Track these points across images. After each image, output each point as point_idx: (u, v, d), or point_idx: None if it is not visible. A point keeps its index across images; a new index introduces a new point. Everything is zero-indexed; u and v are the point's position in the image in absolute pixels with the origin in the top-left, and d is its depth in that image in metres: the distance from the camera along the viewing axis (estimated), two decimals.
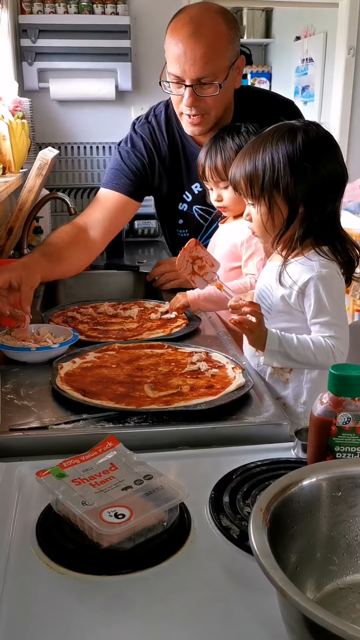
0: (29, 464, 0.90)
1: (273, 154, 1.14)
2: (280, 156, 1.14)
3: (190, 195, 1.77)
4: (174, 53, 1.47)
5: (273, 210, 1.17)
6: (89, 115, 2.90)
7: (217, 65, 1.47)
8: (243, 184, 1.19)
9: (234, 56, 1.52)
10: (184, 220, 1.82)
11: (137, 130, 1.72)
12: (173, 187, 1.76)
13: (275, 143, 1.15)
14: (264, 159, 1.15)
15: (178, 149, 1.72)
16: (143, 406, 1.05)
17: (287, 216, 1.16)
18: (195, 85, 1.48)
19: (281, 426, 1.02)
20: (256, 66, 5.68)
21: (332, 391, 0.79)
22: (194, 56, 1.45)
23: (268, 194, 1.16)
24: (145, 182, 1.73)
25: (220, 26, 1.47)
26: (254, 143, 1.20)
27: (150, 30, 2.79)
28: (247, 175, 1.17)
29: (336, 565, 0.66)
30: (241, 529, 0.77)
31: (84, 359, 1.25)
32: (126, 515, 0.71)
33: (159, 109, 1.73)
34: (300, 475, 0.67)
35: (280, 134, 1.16)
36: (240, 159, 1.20)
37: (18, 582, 0.69)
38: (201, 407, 1.04)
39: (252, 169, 1.17)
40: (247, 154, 1.19)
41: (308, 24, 4.67)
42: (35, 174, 1.90)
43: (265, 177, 1.15)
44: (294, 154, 1.13)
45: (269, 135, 1.17)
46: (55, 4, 2.72)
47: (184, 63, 1.46)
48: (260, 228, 1.21)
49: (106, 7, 2.74)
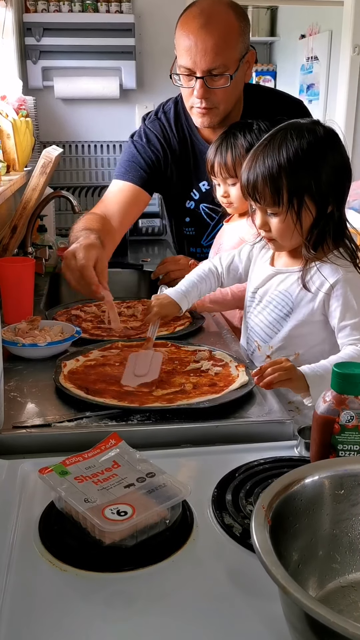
0: (32, 462, 0.91)
1: (298, 152, 1.08)
2: (308, 153, 1.08)
3: (198, 193, 1.77)
4: (184, 45, 1.48)
5: (302, 213, 1.11)
6: (93, 114, 2.90)
7: (228, 57, 1.48)
8: (268, 192, 1.11)
9: (244, 49, 1.53)
10: (190, 218, 1.82)
11: (148, 126, 1.73)
12: (181, 184, 1.76)
13: (298, 140, 1.09)
14: (289, 159, 1.08)
15: (187, 145, 1.72)
16: (146, 404, 1.05)
17: (315, 216, 1.12)
18: (206, 76, 1.49)
19: (284, 424, 1.02)
20: (261, 64, 5.67)
21: (335, 389, 0.79)
22: (205, 47, 1.45)
23: (298, 197, 1.09)
24: (158, 176, 1.73)
25: (231, 18, 1.48)
26: (270, 143, 1.12)
27: (155, 29, 2.78)
28: (273, 180, 1.09)
29: (338, 563, 0.66)
30: (243, 527, 0.77)
31: (88, 357, 1.26)
32: (128, 513, 0.71)
33: (168, 106, 1.74)
34: (303, 473, 0.67)
35: (299, 132, 1.10)
36: (257, 161, 1.12)
37: (21, 578, 0.69)
38: (204, 405, 1.04)
39: (277, 171, 1.09)
40: (266, 156, 1.11)
41: (313, 22, 4.66)
42: (39, 173, 1.90)
43: (295, 179, 1.08)
44: (319, 147, 1.09)
45: (287, 134, 1.11)
46: (60, 2, 2.72)
47: (195, 54, 1.46)
48: (285, 235, 1.14)
49: (110, 6, 2.74)
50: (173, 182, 1.75)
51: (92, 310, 1.62)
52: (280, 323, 1.23)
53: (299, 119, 1.17)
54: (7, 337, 1.29)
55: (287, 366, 1.05)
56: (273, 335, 1.25)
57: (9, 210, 2.18)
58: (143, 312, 1.60)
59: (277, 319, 1.24)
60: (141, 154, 1.70)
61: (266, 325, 1.27)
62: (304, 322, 1.20)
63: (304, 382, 1.06)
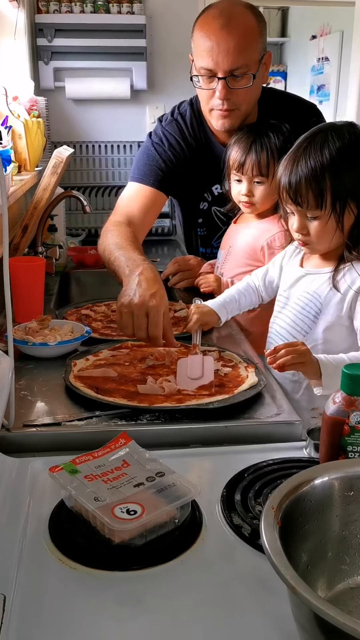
0: (42, 460, 0.91)
1: (342, 152, 1.07)
2: (352, 153, 1.07)
3: (210, 196, 1.77)
4: (205, 46, 1.47)
5: (344, 215, 1.10)
6: (104, 114, 2.91)
7: (250, 57, 1.48)
8: (311, 195, 1.09)
9: (263, 50, 1.53)
10: (203, 219, 1.83)
11: (167, 128, 1.72)
12: (196, 185, 1.76)
13: (341, 141, 1.08)
14: (333, 159, 1.08)
15: (203, 147, 1.72)
16: (155, 404, 1.05)
17: (357, 216, 1.11)
18: (228, 77, 1.48)
19: (293, 425, 1.02)
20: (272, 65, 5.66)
21: (345, 391, 0.79)
22: (227, 47, 1.45)
23: (341, 200, 1.09)
24: (176, 178, 1.71)
25: (250, 19, 1.48)
26: (310, 144, 1.11)
27: (166, 30, 2.79)
28: (317, 181, 1.08)
29: (347, 564, 0.66)
30: (252, 527, 0.77)
31: (98, 356, 1.26)
32: (138, 512, 0.72)
33: (183, 108, 1.73)
34: (313, 473, 0.67)
35: (339, 133, 1.09)
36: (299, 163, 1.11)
37: (31, 576, 0.70)
38: (213, 405, 1.04)
39: (320, 172, 1.08)
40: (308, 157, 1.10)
41: (324, 23, 4.64)
42: (50, 173, 1.91)
43: (340, 181, 1.08)
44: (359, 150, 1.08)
45: (327, 135, 1.10)
46: (72, 3, 2.73)
47: (217, 55, 1.46)
48: (324, 238, 1.13)
49: (122, 7, 2.75)
50: (188, 183, 1.75)
51: (102, 310, 1.63)
52: (309, 325, 1.23)
53: (334, 122, 1.16)
54: (17, 336, 1.29)
55: (303, 350, 1.05)
56: (300, 338, 1.24)
57: (20, 210, 2.19)
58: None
59: (304, 320, 1.24)
60: (162, 157, 1.69)
61: (292, 327, 1.26)
62: (331, 325, 1.20)
63: (317, 368, 1.06)
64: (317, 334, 1.22)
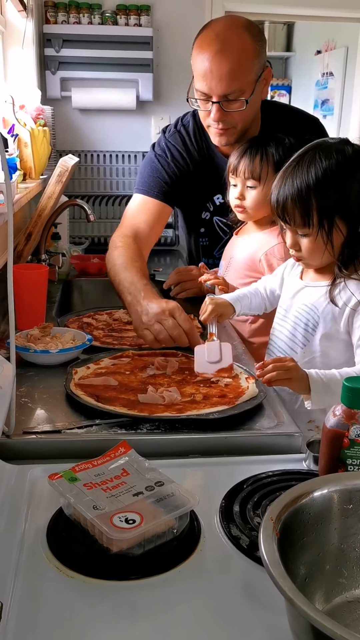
0: (41, 467, 0.91)
1: (327, 172, 1.08)
2: (336, 172, 1.08)
3: (212, 206, 1.79)
4: (200, 70, 1.49)
5: (333, 233, 1.10)
6: (110, 124, 2.93)
7: (244, 81, 1.49)
8: (298, 214, 1.11)
9: (260, 69, 1.54)
10: (205, 228, 1.85)
11: (170, 140, 1.74)
12: (199, 195, 1.79)
13: (327, 160, 1.09)
14: (319, 179, 1.08)
15: (205, 158, 1.74)
16: (156, 413, 1.05)
17: (347, 236, 1.10)
18: (222, 101, 1.50)
19: (293, 437, 1.02)
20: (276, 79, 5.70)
21: (345, 403, 0.79)
22: (220, 73, 1.46)
23: (328, 218, 1.09)
24: (180, 189, 1.74)
25: (246, 41, 1.48)
26: (298, 163, 1.11)
27: (172, 42, 2.81)
28: (302, 200, 1.09)
29: (345, 578, 0.66)
30: (251, 539, 0.77)
31: (99, 364, 1.26)
32: (137, 521, 0.72)
33: (186, 119, 1.76)
34: (312, 486, 0.67)
35: (327, 152, 1.10)
36: (286, 182, 1.12)
37: (28, 584, 0.69)
38: (214, 415, 1.05)
39: (306, 192, 1.08)
40: (295, 176, 1.11)
41: (329, 38, 4.68)
42: (55, 181, 1.92)
43: (325, 199, 1.08)
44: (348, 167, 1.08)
45: (315, 154, 1.10)
46: (80, 14, 2.76)
47: (211, 80, 1.48)
48: (315, 254, 1.14)
49: (129, 19, 2.77)
50: (191, 193, 1.77)
51: (104, 318, 1.63)
52: (307, 337, 1.23)
53: (327, 139, 1.16)
54: (19, 343, 1.30)
55: (289, 366, 1.06)
56: (297, 350, 1.25)
57: (24, 218, 2.20)
58: None
59: (302, 332, 1.24)
60: (165, 169, 1.71)
61: (290, 339, 1.27)
62: (328, 338, 1.20)
63: (306, 384, 1.07)
64: (314, 346, 1.22)
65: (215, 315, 1.34)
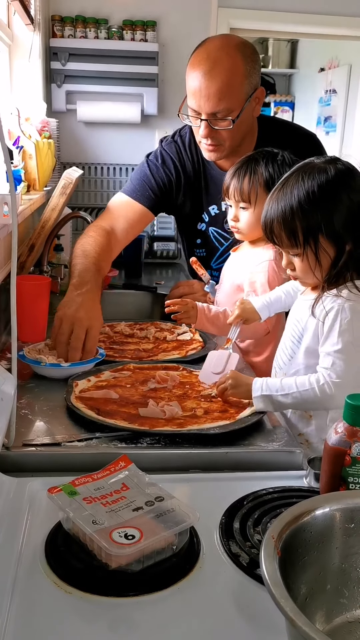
0: (40, 480, 0.91)
1: (309, 194, 1.09)
2: (318, 194, 1.09)
3: (208, 217, 1.81)
4: (191, 87, 1.54)
5: (319, 253, 1.12)
6: (114, 137, 2.95)
7: (232, 101, 1.53)
8: (284, 236, 1.13)
9: (251, 89, 1.57)
10: (201, 239, 1.86)
11: (165, 148, 1.79)
12: (193, 206, 1.81)
13: (309, 182, 1.10)
14: (301, 201, 1.10)
15: (200, 169, 1.77)
16: (156, 427, 1.05)
17: (334, 255, 1.12)
18: (210, 119, 1.54)
19: (294, 454, 1.02)
20: (280, 95, 5.75)
21: (347, 421, 0.79)
22: (208, 93, 1.51)
23: (313, 238, 1.11)
24: (168, 199, 1.78)
25: (237, 63, 1.52)
26: (283, 187, 1.14)
27: (178, 58, 2.83)
28: (286, 223, 1.12)
29: (346, 598, 0.65)
30: (251, 556, 0.76)
31: (99, 377, 1.26)
32: (136, 537, 0.71)
33: (184, 130, 1.80)
34: (314, 504, 0.66)
35: (310, 173, 1.11)
36: (272, 205, 1.14)
37: (25, 599, 0.69)
38: (214, 431, 1.04)
39: (290, 214, 1.11)
40: (279, 199, 1.13)
41: (333, 56, 4.72)
42: (59, 193, 1.93)
43: (308, 221, 1.10)
44: (329, 188, 1.09)
45: (299, 177, 1.12)
46: (86, 29, 2.78)
47: (199, 99, 1.53)
48: (307, 273, 1.16)
49: (135, 34, 2.80)
50: (185, 204, 1.80)
51: (105, 330, 1.63)
52: (293, 350, 1.23)
53: (314, 159, 1.16)
54: (30, 356, 1.29)
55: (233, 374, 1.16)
56: (286, 362, 1.26)
57: (27, 229, 2.21)
58: (155, 335, 1.60)
59: (291, 345, 1.24)
60: (153, 175, 1.75)
61: (283, 351, 1.28)
62: (310, 352, 1.20)
63: (250, 386, 1.13)
64: (299, 359, 1.22)
65: (240, 320, 1.36)
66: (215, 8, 2.83)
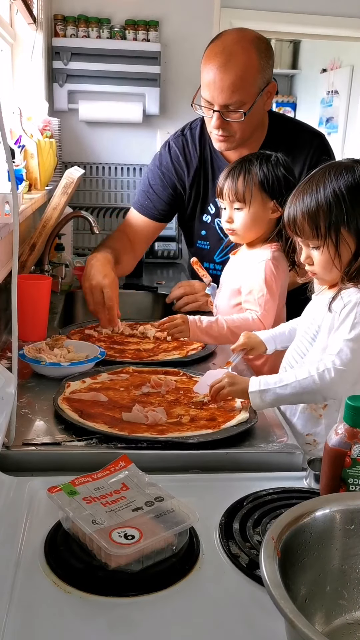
0: (40, 480, 0.91)
1: (336, 190, 1.12)
2: (345, 191, 1.12)
3: (214, 207, 1.81)
4: (206, 79, 1.58)
5: (340, 246, 1.14)
6: (116, 137, 2.95)
7: (245, 94, 1.56)
8: (307, 227, 1.15)
9: (263, 83, 1.61)
10: (206, 231, 1.87)
11: (170, 143, 1.84)
12: (199, 198, 1.84)
13: (336, 180, 1.13)
14: (327, 197, 1.12)
15: (207, 161, 1.81)
16: (136, 433, 1.03)
17: (355, 249, 1.14)
18: (222, 110, 1.58)
19: (294, 455, 1.02)
20: (282, 96, 5.75)
21: (347, 422, 0.79)
22: (222, 85, 1.55)
23: (335, 231, 1.13)
24: (176, 203, 1.86)
25: (252, 57, 1.56)
26: (309, 182, 1.17)
27: (180, 58, 2.83)
28: (311, 215, 1.14)
29: (346, 599, 0.65)
30: (250, 557, 0.76)
31: (95, 379, 1.25)
32: (136, 537, 0.71)
33: (195, 123, 1.84)
34: (314, 505, 0.66)
35: (338, 171, 1.14)
36: (298, 199, 1.17)
37: (25, 598, 0.69)
38: (193, 440, 1.02)
39: (315, 208, 1.13)
40: (305, 194, 1.16)
41: (335, 57, 4.72)
42: (60, 192, 1.93)
43: (332, 215, 1.12)
44: (356, 185, 1.12)
45: (326, 173, 1.15)
46: (89, 28, 2.78)
47: (213, 90, 1.56)
48: (326, 268, 1.17)
49: (138, 34, 2.80)
50: (192, 196, 1.84)
51: (106, 330, 1.63)
52: (307, 347, 1.23)
53: (341, 160, 1.20)
54: (30, 355, 1.29)
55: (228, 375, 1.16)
56: (299, 360, 1.25)
57: (29, 228, 2.21)
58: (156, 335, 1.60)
59: (304, 342, 1.24)
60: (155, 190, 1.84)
61: (294, 349, 1.27)
62: (324, 348, 1.20)
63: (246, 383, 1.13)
64: (312, 356, 1.22)
65: (243, 349, 1.35)
66: (218, 8, 2.83)
